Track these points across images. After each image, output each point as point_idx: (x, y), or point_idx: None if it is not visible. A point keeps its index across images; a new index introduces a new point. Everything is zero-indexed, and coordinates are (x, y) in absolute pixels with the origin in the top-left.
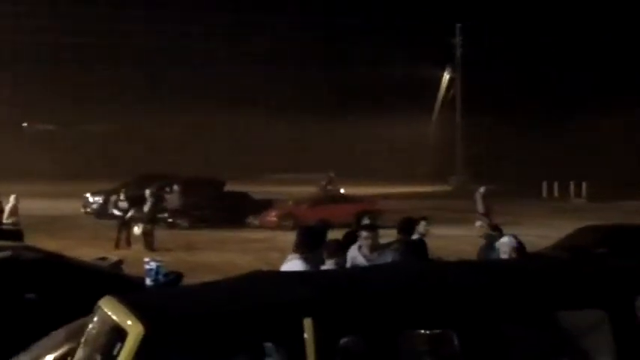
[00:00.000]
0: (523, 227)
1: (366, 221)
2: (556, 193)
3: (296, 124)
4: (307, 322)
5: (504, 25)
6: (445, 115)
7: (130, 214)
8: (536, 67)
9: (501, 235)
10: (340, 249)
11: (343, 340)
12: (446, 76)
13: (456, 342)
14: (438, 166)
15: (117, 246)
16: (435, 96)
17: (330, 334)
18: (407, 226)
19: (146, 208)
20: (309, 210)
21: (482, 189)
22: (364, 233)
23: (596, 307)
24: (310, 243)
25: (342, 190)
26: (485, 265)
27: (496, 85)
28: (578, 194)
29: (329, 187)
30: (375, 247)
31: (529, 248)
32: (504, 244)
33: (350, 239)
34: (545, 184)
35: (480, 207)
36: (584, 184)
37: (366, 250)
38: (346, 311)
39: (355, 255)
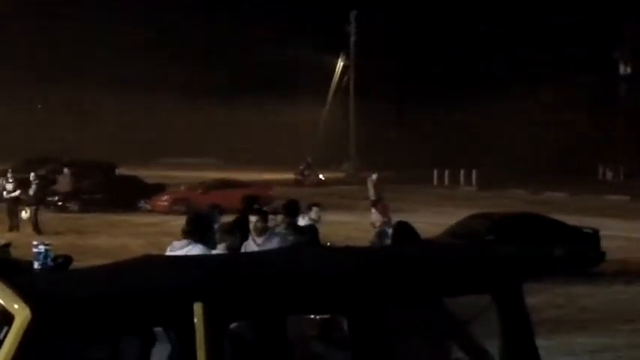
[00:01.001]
0: (414, 214)
1: (255, 206)
2: (447, 181)
3: (192, 109)
4: (197, 307)
5: (399, 12)
6: (339, 102)
7: (14, 195)
8: (430, 54)
9: (391, 222)
10: (231, 233)
11: (233, 325)
12: (340, 63)
13: (344, 326)
14: (331, 153)
15: (10, 229)
16: (330, 82)
17: (220, 319)
18: (292, 208)
19: (31, 191)
20: (202, 195)
21: (374, 176)
22: (252, 217)
23: (484, 293)
24: (200, 228)
25: (320, 176)
26: (374, 251)
27: (390, 73)
28: (468, 182)
29: (306, 173)
30: (264, 231)
31: (420, 235)
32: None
33: (239, 224)
34: (435, 172)
35: (372, 194)
36: (474, 172)
37: (254, 235)
38: (236, 296)
39: (247, 240)
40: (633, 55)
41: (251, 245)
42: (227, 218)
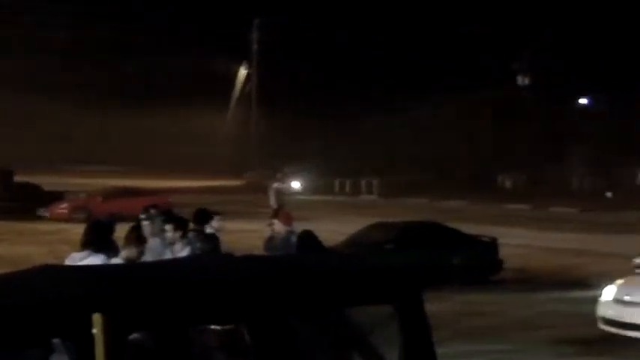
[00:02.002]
0: (316, 222)
1: (152, 215)
2: (348, 189)
3: (95, 116)
4: (96, 318)
5: (303, 21)
6: (242, 110)
7: None
8: (331, 64)
9: (294, 231)
10: (134, 242)
11: (133, 336)
12: (242, 71)
13: (246, 337)
14: (233, 161)
15: None
16: (233, 90)
17: (120, 329)
18: (201, 217)
19: None
20: (102, 203)
21: (276, 184)
22: (167, 226)
23: (385, 302)
24: (99, 237)
25: (295, 185)
26: (276, 260)
27: (294, 81)
28: (369, 191)
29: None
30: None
31: (323, 243)
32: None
33: (136, 232)
34: (337, 181)
35: (274, 202)
36: (374, 181)
37: (166, 243)
38: (136, 306)
39: (153, 247)
40: (531, 67)
41: (163, 254)
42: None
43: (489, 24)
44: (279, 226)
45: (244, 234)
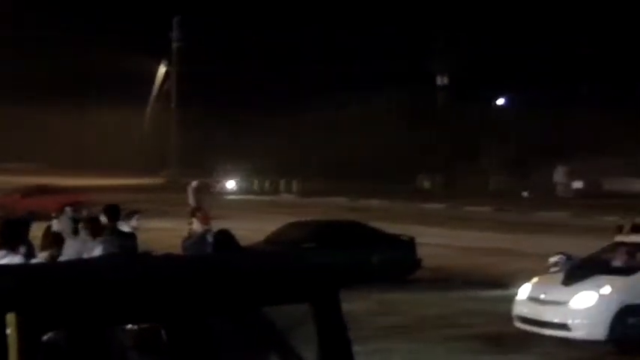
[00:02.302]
0: (235, 221)
1: (69, 213)
2: (267, 188)
3: (11, 113)
4: (10, 318)
5: (224, 19)
6: (161, 108)
7: None
8: (253, 62)
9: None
10: (53, 242)
11: (48, 336)
12: (162, 69)
13: (163, 336)
14: (151, 159)
15: None
16: (152, 88)
17: (34, 329)
18: (113, 212)
19: None
20: (21, 201)
21: (194, 182)
22: (80, 225)
23: (302, 301)
24: (13, 236)
25: (229, 185)
26: (194, 260)
27: (213, 80)
28: (288, 190)
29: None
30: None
31: (240, 242)
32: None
33: (53, 232)
34: (257, 180)
35: (192, 201)
36: (294, 181)
37: (80, 241)
38: (51, 306)
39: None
40: (449, 67)
41: (79, 252)
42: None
43: (408, 25)
44: (196, 225)
45: (162, 232)
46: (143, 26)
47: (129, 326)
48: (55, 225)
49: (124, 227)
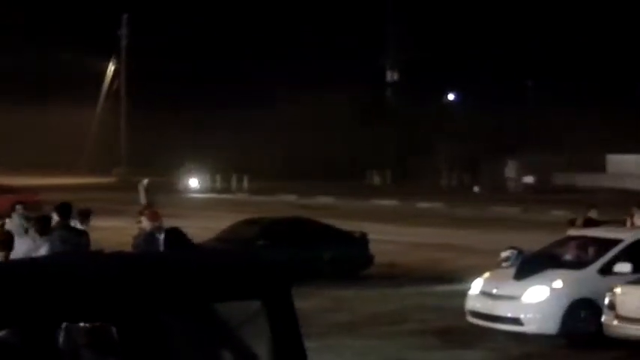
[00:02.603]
0: (186, 219)
1: (20, 212)
2: (218, 186)
3: None
4: None
5: (173, 15)
6: (110, 106)
7: None
8: (206, 57)
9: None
10: (6, 241)
11: (0, 334)
12: (111, 67)
13: (114, 334)
14: (101, 158)
15: None
16: (101, 86)
17: None
18: (65, 210)
19: None
20: None
21: (144, 181)
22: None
23: (253, 298)
24: None
25: (192, 183)
26: (145, 257)
27: (163, 77)
28: (240, 187)
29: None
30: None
31: (192, 240)
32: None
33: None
34: (207, 176)
35: (143, 199)
36: (245, 177)
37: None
38: (2, 303)
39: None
40: (399, 63)
41: (28, 251)
42: None
43: (358, 20)
44: (145, 223)
45: (113, 231)
46: (91, 24)
47: (81, 324)
48: (8, 224)
49: (72, 223)
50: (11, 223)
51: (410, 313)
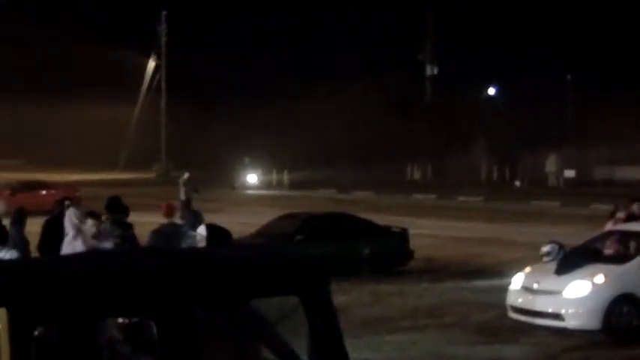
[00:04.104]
0: (226, 214)
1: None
2: (259, 182)
3: None
4: (1, 313)
5: (212, 11)
6: (150, 102)
7: None
8: (243, 55)
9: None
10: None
11: (39, 330)
12: (151, 63)
13: (153, 329)
14: (142, 153)
15: None
16: (141, 82)
17: (25, 324)
18: (115, 205)
19: None
20: (11, 197)
21: (185, 176)
22: (90, 221)
23: (291, 293)
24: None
25: (251, 179)
26: (182, 253)
27: (202, 73)
28: (280, 182)
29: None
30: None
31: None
32: (200, 233)
33: (52, 226)
34: (263, 172)
35: (182, 194)
36: (285, 172)
37: (88, 238)
38: (41, 300)
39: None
40: (439, 56)
41: (80, 247)
42: (34, 220)
43: (398, 12)
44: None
45: (149, 226)
46: (130, 20)
47: (119, 320)
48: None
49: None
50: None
51: (450, 308)
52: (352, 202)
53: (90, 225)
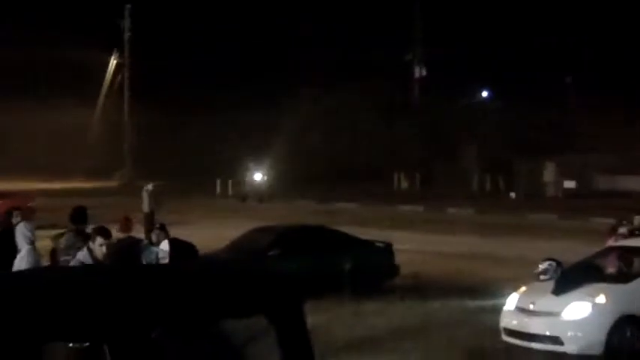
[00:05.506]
0: (194, 227)
1: (17, 218)
2: (230, 191)
3: None
4: None
5: (178, 8)
6: (112, 104)
7: None
8: (217, 54)
9: (167, 235)
10: None
11: None
12: (113, 62)
13: (106, 354)
14: (103, 161)
15: None
16: (101, 83)
17: None
18: (80, 215)
19: None
20: None
21: (149, 185)
22: (100, 239)
23: (261, 314)
24: None
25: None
26: (140, 270)
27: (169, 73)
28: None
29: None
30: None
31: (199, 250)
32: (162, 249)
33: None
34: (219, 181)
35: (146, 206)
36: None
37: (99, 255)
38: None
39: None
40: (428, 57)
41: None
42: None
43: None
44: (118, 233)
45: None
46: (93, 14)
47: (69, 345)
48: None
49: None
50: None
51: (438, 330)
52: (333, 214)
53: (99, 244)
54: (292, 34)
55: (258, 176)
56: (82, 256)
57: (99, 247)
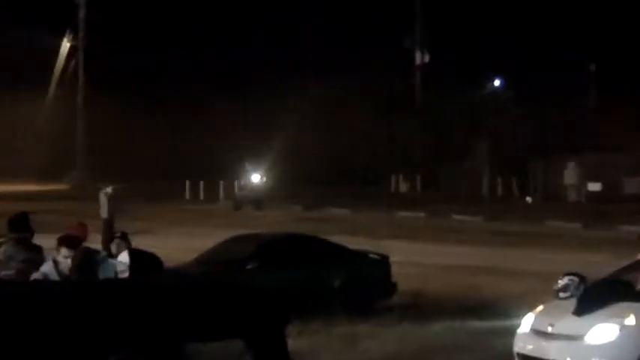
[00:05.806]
0: (159, 236)
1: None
2: (202, 195)
3: None
4: None
5: None
6: (64, 96)
7: None
8: (188, 40)
9: (129, 245)
10: None
11: None
12: (66, 44)
13: None
14: (53, 160)
15: None
16: (52, 70)
17: None
18: (21, 222)
19: None
20: None
21: (108, 189)
22: (65, 251)
23: (235, 338)
24: None
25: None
26: (96, 286)
27: (130, 60)
28: (228, 196)
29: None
30: None
31: (165, 262)
32: (121, 261)
33: None
34: (188, 184)
35: (105, 211)
36: (236, 184)
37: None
38: None
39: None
40: (430, 42)
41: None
42: None
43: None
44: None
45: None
46: None
47: None
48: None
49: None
50: None
51: (439, 355)
52: (322, 221)
53: (63, 255)
54: (281, 20)
55: (255, 179)
56: (48, 268)
57: (63, 258)
